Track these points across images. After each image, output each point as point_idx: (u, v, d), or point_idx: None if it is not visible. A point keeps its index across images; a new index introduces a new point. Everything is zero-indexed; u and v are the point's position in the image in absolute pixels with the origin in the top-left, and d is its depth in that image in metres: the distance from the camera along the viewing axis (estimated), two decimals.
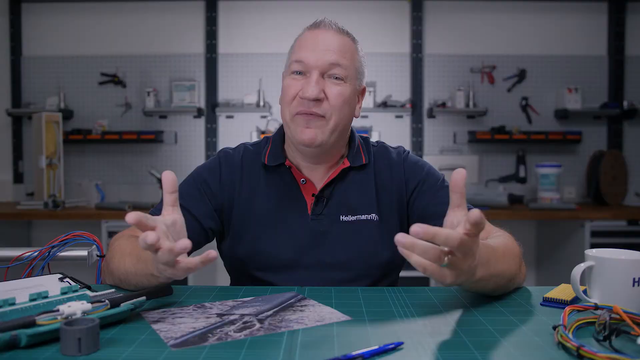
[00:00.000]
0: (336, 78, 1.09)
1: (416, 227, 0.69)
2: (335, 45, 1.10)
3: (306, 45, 1.10)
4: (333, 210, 1.15)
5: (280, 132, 1.22)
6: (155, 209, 1.16)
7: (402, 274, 1.27)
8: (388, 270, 1.18)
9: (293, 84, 1.10)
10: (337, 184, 1.16)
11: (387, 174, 1.19)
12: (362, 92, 1.18)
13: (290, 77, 1.11)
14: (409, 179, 1.19)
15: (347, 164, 1.16)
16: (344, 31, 1.14)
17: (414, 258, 0.72)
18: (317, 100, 1.08)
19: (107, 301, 0.79)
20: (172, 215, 0.84)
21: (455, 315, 0.85)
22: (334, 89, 1.09)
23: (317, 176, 1.17)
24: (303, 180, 1.16)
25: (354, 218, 1.15)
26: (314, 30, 1.13)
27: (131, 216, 0.74)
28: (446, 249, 0.73)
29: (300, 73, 1.10)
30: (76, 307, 0.73)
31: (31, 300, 0.82)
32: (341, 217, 1.15)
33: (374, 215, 1.16)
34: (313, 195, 1.15)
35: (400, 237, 0.70)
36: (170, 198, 0.84)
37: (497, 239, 1.01)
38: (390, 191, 1.18)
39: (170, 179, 0.84)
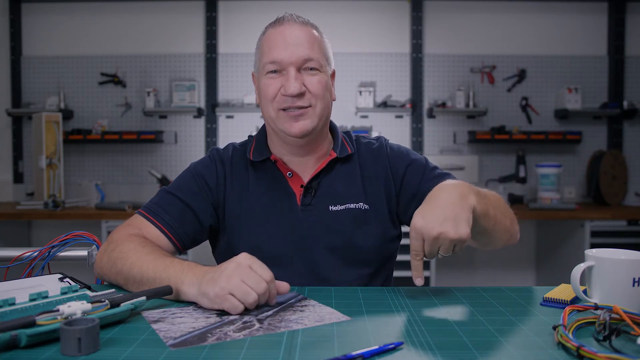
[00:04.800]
0: (311, 69, 1.12)
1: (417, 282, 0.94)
2: (303, 39, 1.12)
3: (276, 45, 1.12)
4: (322, 201, 1.17)
5: (263, 131, 1.25)
6: (154, 205, 1.15)
7: (402, 274, 1.28)
8: (382, 257, 1.20)
9: (271, 83, 1.13)
10: (324, 176, 1.18)
11: (371, 164, 1.22)
12: (333, 75, 1.22)
13: (266, 77, 1.14)
14: (396, 166, 1.21)
15: (334, 155, 1.19)
16: (306, 22, 1.16)
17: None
18: (300, 94, 1.11)
19: (107, 301, 0.79)
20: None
21: (455, 315, 0.86)
22: (313, 79, 1.12)
23: (304, 169, 1.19)
24: (289, 174, 1.18)
25: (342, 207, 1.17)
26: (279, 27, 1.15)
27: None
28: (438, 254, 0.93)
29: (275, 72, 1.13)
30: (76, 307, 0.73)
31: (31, 300, 0.82)
32: (330, 207, 1.16)
33: (362, 204, 1.18)
34: (301, 186, 1.17)
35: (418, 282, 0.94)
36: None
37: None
38: (377, 180, 1.21)
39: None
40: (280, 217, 1.16)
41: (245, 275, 0.84)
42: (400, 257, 1.30)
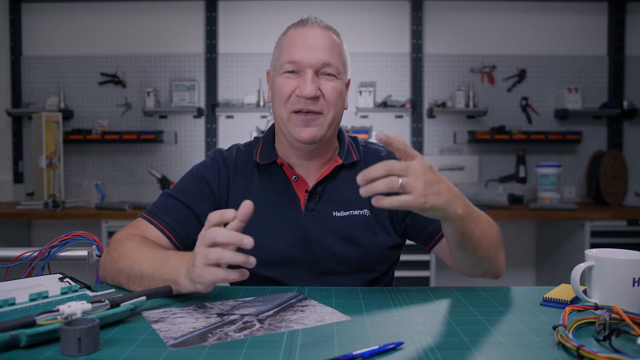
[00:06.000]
0: (328, 74, 1.12)
1: (360, 177, 0.83)
2: (324, 43, 1.12)
3: (296, 45, 1.12)
4: (326, 206, 1.17)
5: (271, 131, 1.24)
6: (156, 208, 1.16)
7: (402, 274, 1.28)
8: (384, 264, 1.19)
9: (287, 83, 1.12)
10: (328, 181, 1.18)
11: None
12: (348, 84, 1.21)
13: (283, 76, 1.13)
14: None
15: (340, 161, 1.18)
16: (328, 27, 1.16)
17: (379, 199, 0.83)
18: (314, 98, 1.10)
19: (107, 301, 0.79)
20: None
21: (455, 315, 0.86)
22: (329, 85, 1.12)
23: (309, 174, 1.19)
24: (295, 178, 1.17)
25: (346, 213, 1.17)
26: (301, 28, 1.14)
27: (249, 241, 0.81)
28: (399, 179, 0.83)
29: (292, 72, 1.12)
30: (76, 307, 0.73)
31: (31, 300, 0.82)
32: (334, 213, 1.16)
33: (365, 210, 1.17)
34: (306, 191, 1.17)
35: (359, 179, 0.83)
36: (237, 225, 0.85)
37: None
38: None
39: (249, 209, 0.85)
40: (283, 220, 1.16)
41: (203, 240, 0.84)
42: (402, 257, 1.30)
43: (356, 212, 1.17)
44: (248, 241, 0.81)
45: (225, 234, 0.82)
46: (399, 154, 0.86)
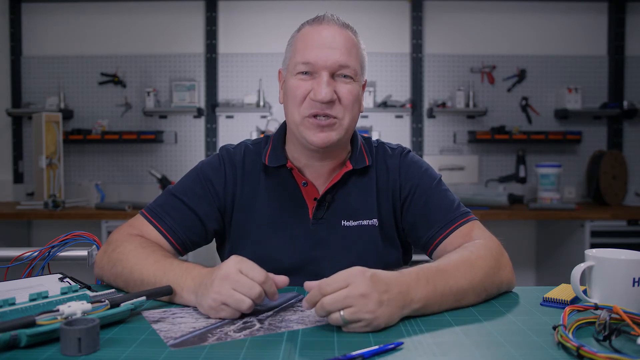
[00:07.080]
0: (345, 76, 1.06)
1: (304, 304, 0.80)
2: (341, 43, 1.06)
3: (311, 44, 1.05)
4: (334, 215, 1.13)
5: (281, 132, 1.18)
6: (158, 207, 1.12)
7: None
8: None
9: (301, 85, 1.06)
10: (339, 188, 1.14)
11: (385, 176, 1.16)
12: (364, 85, 1.16)
13: (296, 78, 1.07)
14: (403, 184, 1.16)
15: (350, 167, 1.13)
16: (346, 25, 1.10)
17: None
18: (330, 102, 1.05)
19: (107, 301, 0.79)
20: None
21: (455, 315, 0.86)
22: (345, 87, 1.06)
23: (319, 179, 1.14)
24: (304, 183, 1.13)
25: (355, 223, 1.13)
26: (317, 26, 1.08)
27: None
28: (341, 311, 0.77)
29: (306, 73, 1.06)
30: (76, 307, 0.73)
31: (31, 300, 0.82)
32: (342, 222, 1.13)
33: (375, 220, 1.14)
34: (315, 199, 1.13)
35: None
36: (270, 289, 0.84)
37: (461, 251, 0.99)
38: (388, 194, 1.16)
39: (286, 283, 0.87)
40: (289, 228, 1.12)
41: (235, 282, 0.81)
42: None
43: (365, 222, 1.13)
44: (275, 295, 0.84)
45: (259, 296, 0.81)
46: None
